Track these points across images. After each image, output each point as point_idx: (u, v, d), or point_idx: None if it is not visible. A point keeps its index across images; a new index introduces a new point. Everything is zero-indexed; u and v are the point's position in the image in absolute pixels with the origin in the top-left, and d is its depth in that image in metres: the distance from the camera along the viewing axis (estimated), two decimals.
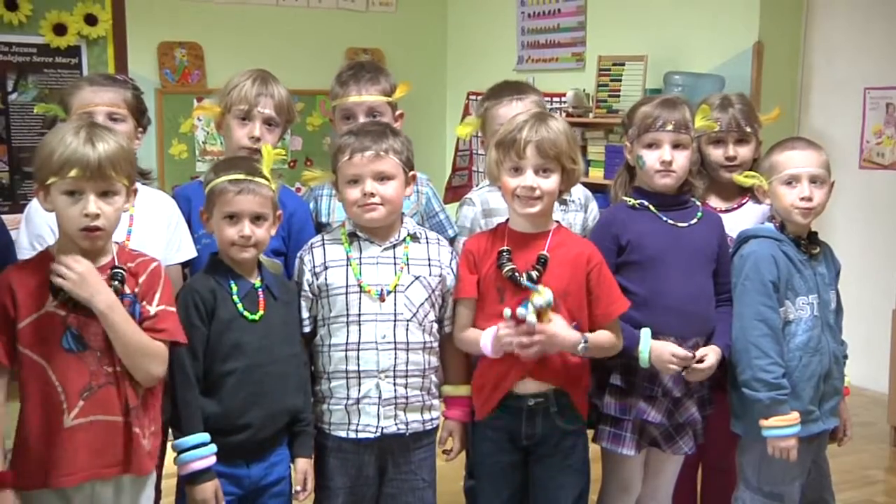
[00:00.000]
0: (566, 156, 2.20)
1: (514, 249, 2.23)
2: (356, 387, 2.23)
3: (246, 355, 2.12)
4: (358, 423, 2.24)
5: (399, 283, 2.25)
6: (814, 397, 2.41)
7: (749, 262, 2.41)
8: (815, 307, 2.42)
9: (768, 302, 2.37)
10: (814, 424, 2.42)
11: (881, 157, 4.80)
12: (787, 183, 2.40)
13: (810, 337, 2.40)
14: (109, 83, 2.36)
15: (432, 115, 6.65)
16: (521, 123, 2.21)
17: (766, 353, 2.35)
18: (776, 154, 2.45)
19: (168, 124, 5.73)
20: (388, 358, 2.23)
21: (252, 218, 2.12)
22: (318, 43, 6.03)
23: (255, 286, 2.17)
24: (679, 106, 2.39)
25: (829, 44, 4.95)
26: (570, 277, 2.21)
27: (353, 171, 2.23)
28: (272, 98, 2.43)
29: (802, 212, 2.39)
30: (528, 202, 2.19)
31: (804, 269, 2.42)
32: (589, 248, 2.27)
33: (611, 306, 2.24)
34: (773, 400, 2.33)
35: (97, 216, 1.89)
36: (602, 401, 2.37)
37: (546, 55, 6.06)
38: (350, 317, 2.23)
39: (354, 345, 2.22)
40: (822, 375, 2.41)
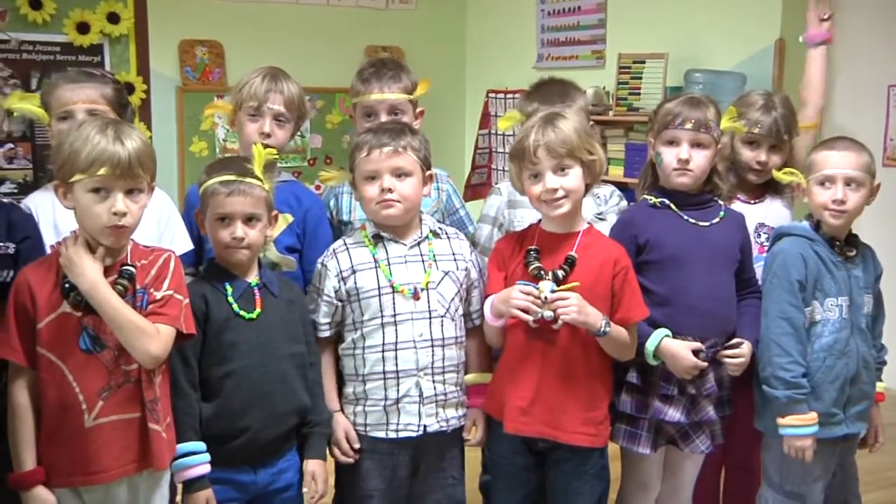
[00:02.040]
0: (580, 150, 2.18)
1: (543, 249, 2.22)
2: (395, 387, 2.23)
3: (243, 355, 2.10)
4: (398, 422, 2.24)
5: (430, 280, 2.26)
6: (837, 400, 2.38)
7: (778, 260, 2.40)
8: (844, 309, 2.39)
9: (793, 300, 2.35)
10: (836, 427, 2.39)
11: None
12: (821, 183, 2.38)
13: (837, 339, 2.37)
14: (86, 79, 2.31)
15: (451, 112, 6.64)
16: (527, 130, 2.20)
17: (786, 351, 2.33)
18: (816, 152, 2.43)
19: (189, 122, 5.75)
20: (426, 355, 2.23)
21: (244, 219, 2.11)
22: (337, 41, 6.03)
23: (252, 284, 2.15)
24: (703, 105, 2.36)
25: (852, 40, 4.89)
26: (596, 278, 2.20)
27: (371, 168, 2.23)
28: (282, 94, 2.43)
29: (833, 214, 2.36)
30: (554, 204, 2.18)
31: (836, 270, 2.39)
32: (617, 250, 2.26)
33: (630, 311, 2.23)
34: (790, 399, 2.32)
35: (125, 214, 1.90)
36: (618, 399, 2.36)
37: (566, 53, 6.04)
38: (385, 318, 2.22)
39: (392, 345, 2.22)
40: (849, 378, 2.38)
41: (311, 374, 2.23)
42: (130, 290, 1.94)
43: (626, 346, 2.25)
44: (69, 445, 1.91)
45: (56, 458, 1.92)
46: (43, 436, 1.93)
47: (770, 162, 2.63)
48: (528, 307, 2.14)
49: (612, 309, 2.22)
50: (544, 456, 2.30)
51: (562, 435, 2.23)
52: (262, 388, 2.12)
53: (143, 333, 1.90)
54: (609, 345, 2.22)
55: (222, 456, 2.08)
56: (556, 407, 2.22)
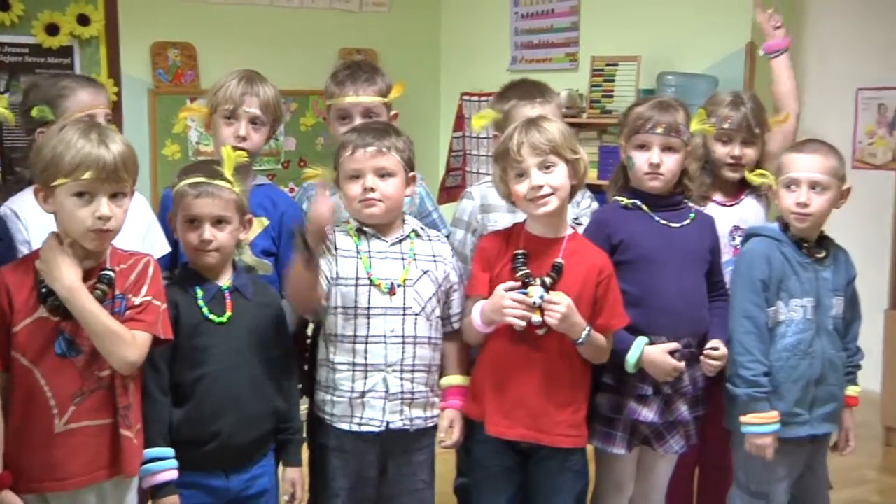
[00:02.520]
0: (564, 147, 2.21)
1: (529, 253, 2.24)
2: (362, 380, 2.23)
3: (214, 359, 2.09)
4: (362, 416, 2.24)
5: (408, 278, 2.26)
6: (801, 400, 2.40)
7: (744, 260, 2.44)
8: (809, 310, 2.41)
9: (756, 300, 2.38)
10: (800, 427, 2.42)
11: (873, 157, 4.84)
12: (787, 186, 2.41)
13: (800, 339, 2.40)
14: (101, 86, 2.39)
15: (426, 115, 6.64)
16: (511, 131, 2.23)
17: (748, 349, 2.37)
18: (785, 155, 2.46)
19: (161, 125, 5.71)
20: (396, 352, 2.23)
21: (213, 221, 2.10)
22: (311, 43, 6.01)
23: (223, 288, 2.14)
24: (672, 109, 2.39)
25: (821, 44, 4.96)
26: (582, 286, 2.22)
27: (355, 166, 2.24)
28: (257, 97, 2.43)
29: (797, 217, 2.39)
30: (540, 202, 2.20)
31: (803, 271, 2.41)
32: (601, 258, 2.28)
33: (612, 319, 2.26)
34: (751, 397, 2.35)
35: (109, 218, 1.89)
36: (594, 399, 2.37)
37: (539, 55, 6.06)
38: (359, 309, 2.23)
39: (363, 338, 2.22)
40: (813, 379, 2.41)
41: (287, 379, 2.22)
42: (109, 295, 1.92)
43: (603, 351, 2.28)
44: (38, 450, 1.90)
45: (24, 462, 1.90)
46: (11, 440, 1.90)
47: (744, 156, 2.66)
48: (521, 315, 2.16)
49: (592, 315, 2.24)
50: (527, 455, 2.31)
51: (544, 437, 2.25)
52: (233, 393, 2.11)
53: (120, 340, 1.89)
54: (587, 351, 2.24)
55: (194, 460, 2.08)
56: (539, 410, 2.23)
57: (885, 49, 4.71)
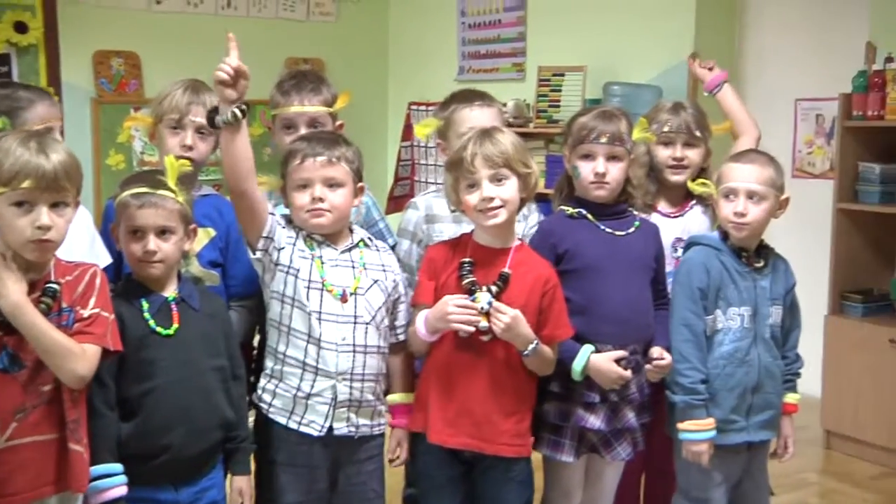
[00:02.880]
0: (517, 161, 2.23)
1: (476, 262, 2.25)
2: (310, 381, 2.22)
3: (162, 372, 2.07)
4: (303, 416, 2.23)
5: (359, 286, 2.27)
6: (737, 407, 2.44)
7: (683, 269, 2.48)
8: (746, 319, 2.45)
9: (694, 308, 2.42)
10: (736, 434, 2.45)
11: (812, 167, 4.94)
12: (725, 196, 2.45)
13: (737, 348, 2.44)
14: (55, 98, 2.37)
15: (373, 125, 6.65)
16: (465, 142, 2.25)
17: (685, 357, 2.40)
18: (725, 164, 2.51)
19: (105, 134, 5.63)
20: (346, 360, 2.23)
21: (157, 232, 2.08)
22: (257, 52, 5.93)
23: (169, 299, 2.12)
24: (615, 118, 2.42)
25: (760, 55, 5.07)
26: (528, 296, 2.24)
27: (304, 176, 2.24)
28: (204, 106, 2.41)
29: (735, 226, 2.43)
30: (490, 213, 2.21)
31: (741, 280, 2.45)
32: (547, 269, 2.30)
33: (556, 330, 2.28)
34: (688, 404, 2.39)
35: (49, 228, 1.86)
36: (541, 407, 2.39)
37: (487, 65, 6.11)
38: (311, 311, 2.22)
39: (316, 340, 2.22)
40: (750, 387, 2.44)
41: (236, 389, 2.21)
42: (55, 308, 1.90)
43: (549, 363, 2.30)
44: None
45: None
46: None
47: (686, 158, 2.70)
48: (468, 320, 2.17)
49: (537, 326, 2.25)
50: (471, 465, 2.32)
51: (488, 447, 2.25)
52: (183, 405, 2.09)
53: (69, 354, 1.87)
54: (533, 363, 2.26)
55: (143, 475, 2.05)
56: (483, 419, 2.24)
57: (822, 60, 4.81)
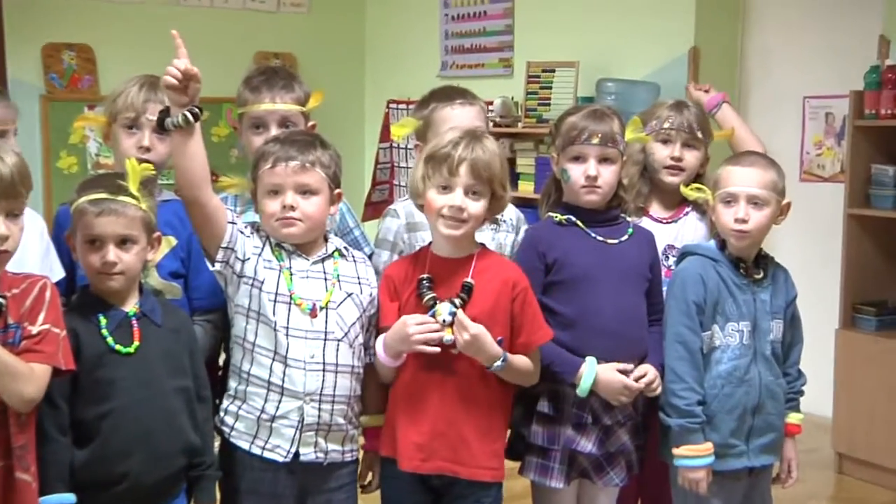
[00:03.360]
0: (498, 181, 2.26)
1: (437, 277, 2.26)
2: (275, 402, 2.24)
3: (121, 393, 2.06)
4: (267, 440, 2.25)
5: (331, 300, 2.28)
6: (737, 430, 2.46)
7: (677, 281, 2.49)
8: (745, 335, 2.47)
9: (689, 324, 2.44)
10: (736, 460, 2.48)
11: (821, 169, 4.98)
12: (725, 201, 2.47)
13: (736, 366, 2.46)
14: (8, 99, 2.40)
15: (349, 125, 6.67)
16: (455, 139, 2.25)
17: (680, 377, 2.42)
18: (721, 168, 2.52)
19: (55, 134, 5.64)
20: (315, 380, 2.24)
21: (117, 241, 2.08)
22: (224, 46, 6.00)
23: (129, 314, 2.12)
24: (607, 118, 2.45)
25: (766, 50, 5.13)
26: (495, 304, 2.25)
27: (275, 181, 2.25)
28: (162, 104, 2.38)
29: (736, 234, 2.45)
30: (454, 224, 2.23)
31: (740, 293, 2.48)
32: (514, 272, 2.32)
33: (532, 335, 2.29)
34: (684, 428, 2.41)
35: (7, 238, 1.87)
36: (529, 430, 2.42)
37: (472, 61, 6.15)
38: (278, 326, 2.23)
39: (282, 358, 2.23)
40: (750, 408, 2.46)
41: (201, 411, 2.22)
42: (0, 324, 1.89)
43: (529, 373, 2.31)
44: None
45: None
46: None
47: (685, 159, 2.72)
48: (428, 339, 2.18)
49: (512, 334, 2.27)
50: (440, 494, 2.33)
51: (463, 470, 2.27)
52: (144, 428, 2.09)
53: (17, 375, 1.86)
54: (509, 375, 2.28)
55: None
56: (457, 441, 2.25)
57: (830, 55, 4.86)
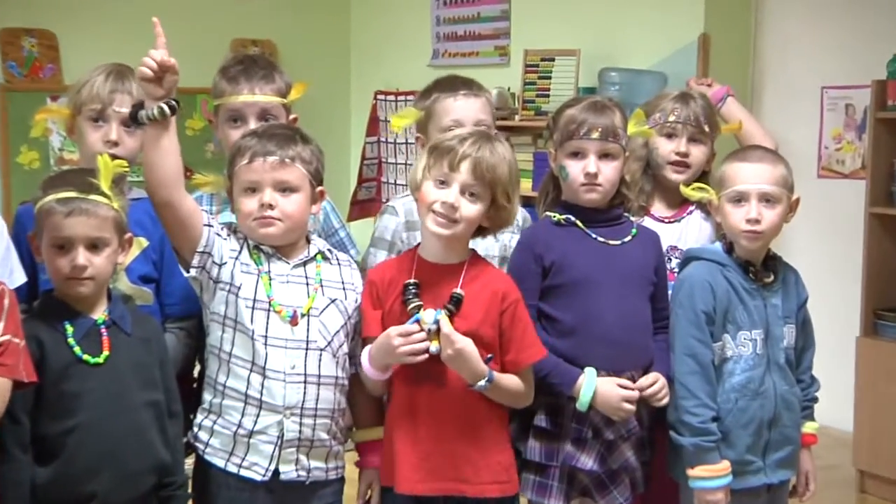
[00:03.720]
0: (502, 187, 2.24)
1: (424, 283, 2.26)
2: (252, 416, 2.24)
3: (89, 407, 2.06)
4: (244, 457, 2.25)
5: (313, 307, 2.28)
6: (753, 446, 2.47)
7: (683, 289, 2.49)
8: (759, 343, 2.48)
9: (699, 335, 2.44)
10: (753, 476, 2.48)
11: (841, 165, 5.00)
12: (734, 200, 2.47)
13: (750, 378, 2.47)
14: None
15: (334, 118, 6.67)
16: (464, 135, 2.26)
17: (692, 393, 2.42)
18: (727, 165, 2.52)
19: (15, 127, 5.62)
20: (296, 392, 2.24)
21: (87, 244, 2.08)
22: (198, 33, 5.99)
23: (98, 322, 2.12)
24: (608, 110, 2.46)
25: (782, 37, 5.13)
26: (484, 317, 2.25)
27: (252, 178, 2.25)
28: (130, 95, 2.42)
29: (748, 235, 2.45)
30: (444, 222, 2.23)
31: (750, 299, 2.48)
32: (505, 283, 2.32)
33: (521, 353, 2.28)
34: (698, 447, 2.40)
35: None
36: (525, 445, 2.42)
37: (465, 49, 6.16)
38: (256, 335, 2.24)
39: (261, 368, 2.23)
40: (766, 422, 2.47)
41: (172, 428, 2.22)
42: None
43: (519, 394, 2.30)
44: None
45: None
46: None
47: (691, 155, 2.73)
48: (413, 350, 2.18)
49: (501, 350, 2.27)
50: None
51: (470, 489, 2.26)
52: (112, 445, 2.08)
53: None
54: (497, 396, 2.27)
55: None
56: (459, 457, 2.25)
57: (852, 43, 4.88)
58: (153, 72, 2.12)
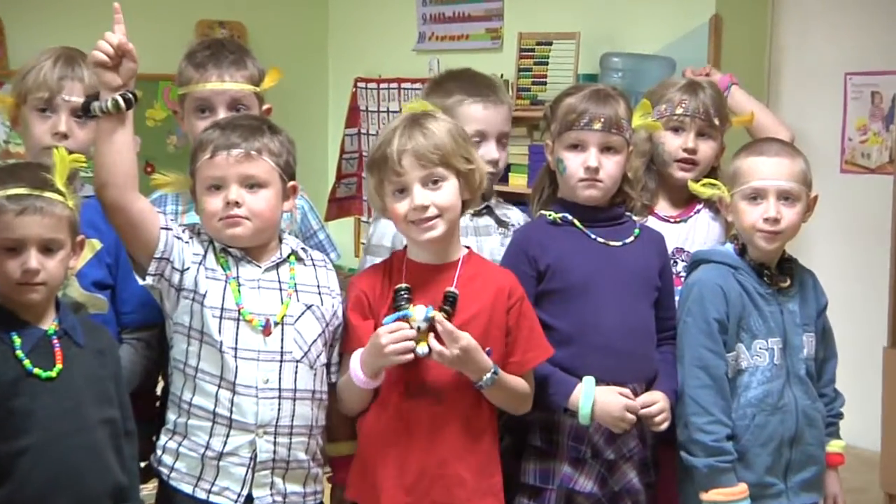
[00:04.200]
0: (456, 156, 2.26)
1: (415, 287, 2.27)
2: (222, 437, 2.24)
3: (40, 425, 2.05)
4: (213, 482, 2.25)
5: (287, 314, 2.29)
6: (773, 467, 2.47)
7: (693, 294, 2.49)
8: (776, 353, 2.48)
9: (711, 345, 2.44)
10: (774, 501, 2.48)
11: (867, 159, 5.00)
12: (750, 198, 2.48)
13: (767, 391, 2.47)
14: None
15: (310, 108, 6.66)
16: (389, 133, 2.27)
17: (705, 409, 2.42)
18: (741, 160, 2.53)
19: None
20: (270, 409, 2.25)
21: (40, 246, 2.07)
22: (160, 13, 6.00)
23: (49, 333, 2.11)
24: (612, 100, 2.47)
25: (801, 19, 5.13)
26: (490, 316, 2.27)
27: (216, 174, 2.26)
28: (82, 82, 2.42)
29: (766, 235, 2.46)
30: (424, 225, 2.24)
31: (766, 305, 2.49)
32: (509, 279, 2.33)
33: (529, 352, 2.30)
34: (713, 468, 2.40)
35: None
36: (518, 466, 2.42)
37: (454, 32, 6.15)
38: (224, 347, 2.24)
39: (230, 384, 2.23)
40: (787, 439, 2.47)
41: (127, 448, 2.22)
42: None
43: (523, 396, 2.32)
44: None
45: None
46: None
47: (700, 151, 2.73)
48: (405, 347, 2.16)
49: (506, 350, 2.28)
50: None
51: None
52: (67, 466, 2.08)
53: None
54: (498, 396, 2.28)
55: None
56: (452, 479, 2.26)
57: (877, 25, 4.88)
58: (109, 57, 2.12)
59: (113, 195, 2.17)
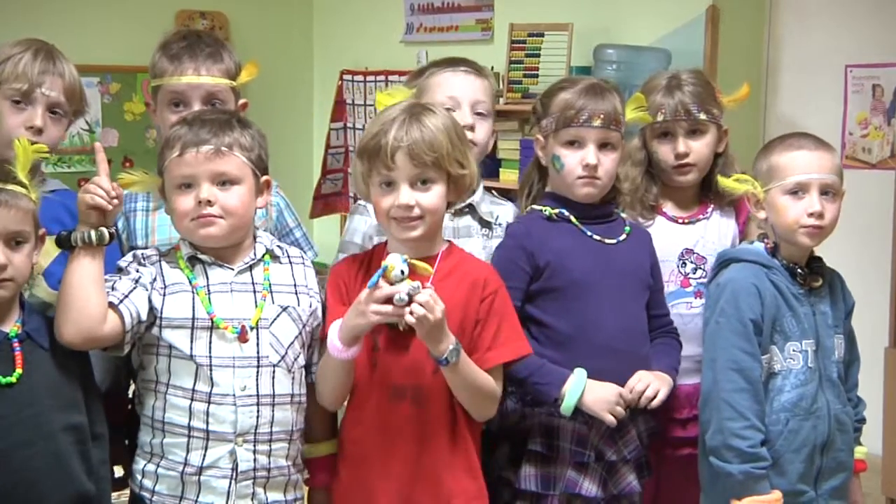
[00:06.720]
0: (450, 159, 2.24)
1: None
2: (200, 450, 2.23)
3: (1, 433, 2.05)
4: (196, 499, 2.24)
5: (262, 317, 2.27)
6: (805, 474, 2.44)
7: (726, 294, 2.45)
8: (810, 356, 2.46)
9: (747, 346, 2.41)
10: None
11: (867, 154, 5.00)
12: (791, 192, 2.44)
13: (801, 395, 2.44)
14: None
15: (295, 101, 6.66)
16: (387, 122, 2.24)
17: (741, 413, 2.38)
18: (778, 154, 2.49)
19: None
20: (248, 416, 2.24)
21: (6, 240, 2.07)
22: (139, 4, 5.97)
23: (10, 335, 2.11)
24: (609, 94, 2.46)
25: (800, 9, 5.14)
26: (464, 311, 2.25)
27: (186, 172, 2.24)
28: (62, 78, 2.42)
29: (810, 231, 2.43)
30: (407, 224, 2.23)
31: (799, 306, 2.47)
32: (486, 270, 2.33)
33: (496, 349, 2.26)
34: (748, 475, 2.37)
35: None
36: (517, 474, 2.41)
37: (443, 23, 6.15)
38: (198, 359, 2.22)
39: (204, 395, 2.22)
40: (819, 445, 2.45)
41: (96, 453, 2.21)
42: None
43: (486, 394, 2.27)
44: None
45: None
46: None
47: (692, 151, 2.70)
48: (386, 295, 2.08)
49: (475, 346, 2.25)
50: None
51: None
52: (30, 476, 2.08)
53: None
54: (461, 379, 2.21)
55: None
56: (442, 484, 2.26)
57: (879, 15, 4.87)
58: (106, 201, 2.14)
59: (82, 330, 2.13)
